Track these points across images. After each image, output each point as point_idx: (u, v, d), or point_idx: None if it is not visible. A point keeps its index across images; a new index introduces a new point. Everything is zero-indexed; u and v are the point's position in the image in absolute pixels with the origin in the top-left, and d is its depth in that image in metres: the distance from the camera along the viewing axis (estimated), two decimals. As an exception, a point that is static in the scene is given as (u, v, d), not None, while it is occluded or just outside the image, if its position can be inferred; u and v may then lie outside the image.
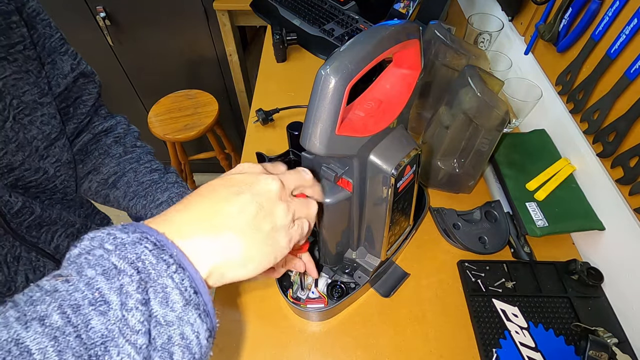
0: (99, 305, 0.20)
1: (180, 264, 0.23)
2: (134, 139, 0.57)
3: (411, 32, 0.39)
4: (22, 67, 0.41)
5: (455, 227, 0.66)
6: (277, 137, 0.86)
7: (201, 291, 0.24)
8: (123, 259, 0.22)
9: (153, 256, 0.23)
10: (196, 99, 1.54)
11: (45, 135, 0.44)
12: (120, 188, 0.54)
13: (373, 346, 0.56)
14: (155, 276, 0.22)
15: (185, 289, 0.23)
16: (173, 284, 0.23)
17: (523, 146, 0.74)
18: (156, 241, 0.23)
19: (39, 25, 0.44)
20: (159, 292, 0.22)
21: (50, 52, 0.45)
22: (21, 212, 0.42)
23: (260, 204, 0.28)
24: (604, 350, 0.51)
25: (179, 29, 1.52)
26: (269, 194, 0.29)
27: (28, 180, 0.43)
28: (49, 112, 0.44)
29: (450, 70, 0.69)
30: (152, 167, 0.55)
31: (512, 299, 0.59)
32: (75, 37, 1.51)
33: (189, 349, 0.23)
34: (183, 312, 0.23)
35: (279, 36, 1.01)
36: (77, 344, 0.19)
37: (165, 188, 0.54)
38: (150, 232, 0.24)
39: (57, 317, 0.20)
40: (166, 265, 0.23)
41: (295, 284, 0.60)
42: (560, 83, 0.69)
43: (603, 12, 0.58)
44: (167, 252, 0.23)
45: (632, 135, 0.54)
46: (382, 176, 0.43)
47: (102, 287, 0.21)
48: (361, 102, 0.43)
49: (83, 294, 0.21)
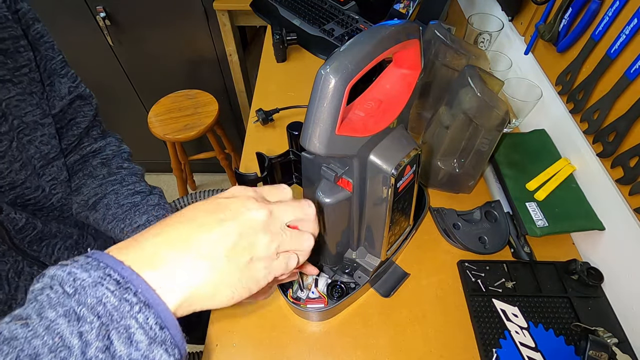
0: (60, 351, 0.20)
1: (145, 301, 0.23)
2: (121, 160, 0.56)
3: (411, 32, 0.39)
4: (26, 89, 0.41)
5: (455, 227, 0.66)
6: (277, 137, 0.86)
7: (168, 325, 0.23)
8: (83, 304, 0.21)
9: (115, 297, 0.22)
10: (196, 99, 1.54)
11: (43, 155, 0.45)
12: (100, 210, 0.52)
13: (373, 346, 0.56)
14: (118, 318, 0.22)
15: (150, 327, 0.22)
16: (137, 324, 0.22)
17: (523, 146, 0.74)
18: (120, 278, 0.22)
19: (42, 48, 0.44)
20: (122, 334, 0.22)
21: (50, 74, 0.46)
22: (25, 228, 0.42)
23: (241, 234, 0.27)
24: (604, 350, 0.51)
25: (179, 29, 1.52)
26: (252, 223, 0.28)
27: (27, 197, 0.44)
28: (50, 132, 0.45)
29: (450, 70, 0.69)
30: (135, 190, 0.53)
31: (512, 299, 0.59)
32: (75, 37, 1.51)
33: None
34: (148, 350, 0.22)
35: (279, 36, 1.01)
36: None
37: (145, 210, 0.51)
38: (115, 266, 0.23)
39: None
40: (129, 306, 0.22)
41: (295, 284, 0.60)
42: (560, 83, 0.69)
43: (603, 12, 0.58)
44: (131, 291, 0.22)
45: (632, 135, 0.54)
46: (382, 176, 0.43)
47: (63, 331, 0.20)
48: (361, 102, 0.43)
49: (43, 340, 0.20)
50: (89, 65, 1.60)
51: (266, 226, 0.29)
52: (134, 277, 0.23)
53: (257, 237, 0.28)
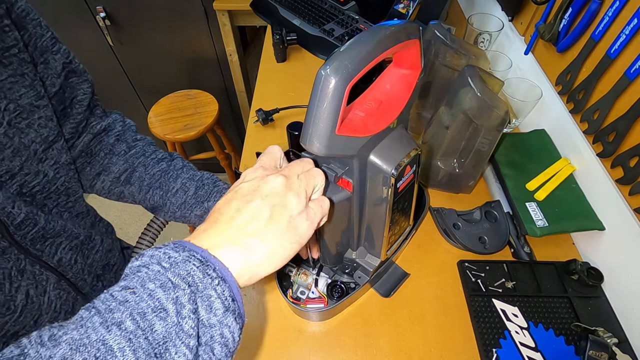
0: (159, 312, 0.25)
1: (222, 277, 0.27)
2: (133, 133, 0.58)
3: (411, 32, 0.39)
4: (17, 71, 0.40)
5: (455, 227, 0.66)
6: (277, 137, 0.86)
7: (237, 298, 0.28)
8: (177, 275, 0.26)
9: (200, 272, 0.26)
10: (196, 99, 1.54)
11: (44, 138, 0.44)
12: (134, 183, 0.55)
13: (373, 346, 0.56)
14: (202, 288, 0.26)
15: (226, 298, 0.27)
16: (216, 294, 0.27)
17: (523, 146, 0.74)
18: (202, 258, 0.27)
19: (29, 26, 0.43)
20: (205, 301, 0.26)
21: (43, 52, 0.45)
22: (24, 223, 0.42)
23: (272, 203, 0.31)
24: (604, 350, 0.51)
25: (179, 29, 1.52)
26: (275, 191, 0.32)
27: (31, 185, 0.43)
28: (46, 114, 0.44)
29: (450, 70, 0.69)
30: (158, 157, 0.56)
31: (512, 299, 0.59)
32: (75, 37, 1.51)
33: (227, 345, 0.27)
34: (223, 316, 0.27)
35: (279, 36, 1.01)
36: (145, 344, 0.24)
37: (177, 175, 0.56)
38: (196, 250, 0.28)
39: (130, 323, 0.24)
40: (210, 279, 0.27)
41: (295, 284, 0.60)
42: (560, 83, 0.69)
43: (603, 12, 0.58)
44: (211, 267, 0.27)
45: (632, 135, 0.54)
46: (382, 176, 0.43)
47: (161, 298, 0.25)
48: (361, 102, 0.43)
49: (147, 303, 0.25)
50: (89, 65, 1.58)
51: (288, 187, 0.32)
52: (211, 258, 0.28)
53: (286, 198, 0.32)
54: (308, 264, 0.62)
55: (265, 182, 0.33)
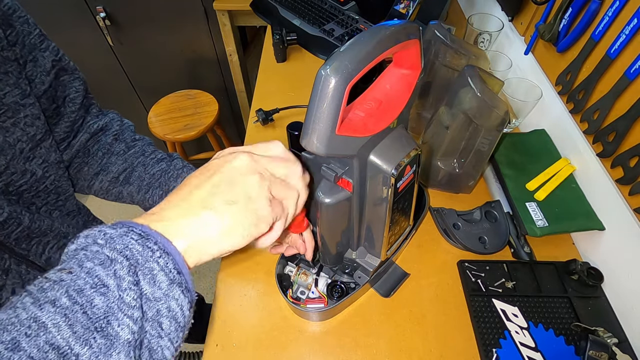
0: (99, 288, 0.24)
1: (164, 249, 0.27)
2: (131, 133, 0.57)
3: (411, 32, 0.39)
4: (0, 69, 0.40)
5: (455, 227, 0.66)
6: (277, 137, 0.86)
7: (183, 271, 0.27)
8: (113, 250, 0.25)
9: (139, 245, 0.26)
10: (196, 99, 1.54)
11: (30, 137, 0.43)
12: (134, 183, 0.55)
13: (373, 346, 0.56)
14: (143, 261, 0.26)
15: (170, 270, 0.26)
16: (159, 267, 0.26)
17: (523, 146, 0.74)
18: (141, 232, 0.27)
19: (17, 23, 0.42)
20: (147, 275, 0.26)
21: (31, 50, 0.44)
22: (7, 223, 0.41)
23: (230, 179, 0.31)
24: (604, 350, 0.51)
25: (179, 29, 1.52)
26: (238, 170, 0.32)
27: (18, 184, 0.43)
28: (32, 113, 0.43)
29: (450, 70, 0.69)
30: (157, 157, 0.56)
31: (512, 299, 0.59)
32: (75, 37, 1.51)
33: (175, 319, 0.27)
34: (169, 289, 0.26)
35: (279, 36, 1.01)
36: (84, 319, 0.23)
37: (177, 175, 0.55)
38: (135, 226, 0.27)
39: (65, 300, 0.23)
40: (151, 252, 0.26)
41: (295, 283, 0.60)
42: (560, 83, 0.69)
43: (603, 12, 0.58)
44: (152, 240, 0.26)
45: (632, 135, 0.54)
46: (382, 176, 0.43)
47: (100, 274, 0.24)
48: (361, 102, 0.43)
49: (84, 280, 0.24)
50: (89, 65, 1.60)
51: (251, 168, 0.32)
52: (152, 232, 0.27)
53: (247, 178, 0.31)
54: (308, 264, 0.62)
55: (230, 159, 0.32)
